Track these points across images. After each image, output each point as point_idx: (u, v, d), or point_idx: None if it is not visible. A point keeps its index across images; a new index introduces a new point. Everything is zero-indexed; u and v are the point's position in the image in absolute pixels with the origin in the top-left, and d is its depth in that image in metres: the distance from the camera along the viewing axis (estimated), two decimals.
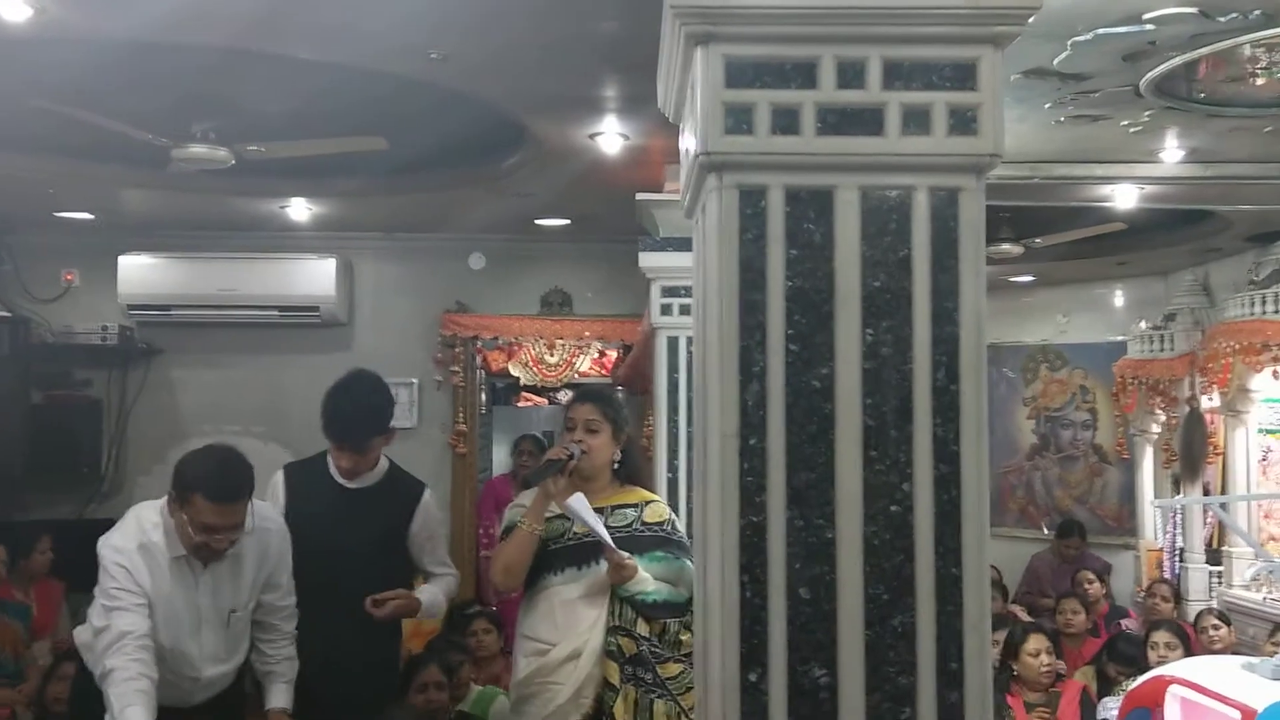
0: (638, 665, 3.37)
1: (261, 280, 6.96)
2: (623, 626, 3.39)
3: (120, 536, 3.15)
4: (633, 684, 3.36)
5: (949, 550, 1.72)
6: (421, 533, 3.81)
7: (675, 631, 3.43)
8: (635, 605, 3.40)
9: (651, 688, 3.36)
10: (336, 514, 3.63)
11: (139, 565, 3.09)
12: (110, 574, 3.08)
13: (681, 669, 3.36)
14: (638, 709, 3.35)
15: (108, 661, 2.98)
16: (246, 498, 3.14)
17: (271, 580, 3.38)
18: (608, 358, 7.75)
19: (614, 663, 3.36)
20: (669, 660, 3.39)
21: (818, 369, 1.76)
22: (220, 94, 4.40)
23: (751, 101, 1.76)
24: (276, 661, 3.43)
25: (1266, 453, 6.58)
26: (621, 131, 4.62)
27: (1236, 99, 4.09)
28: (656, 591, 3.42)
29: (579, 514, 3.36)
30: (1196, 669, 3.20)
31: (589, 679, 3.35)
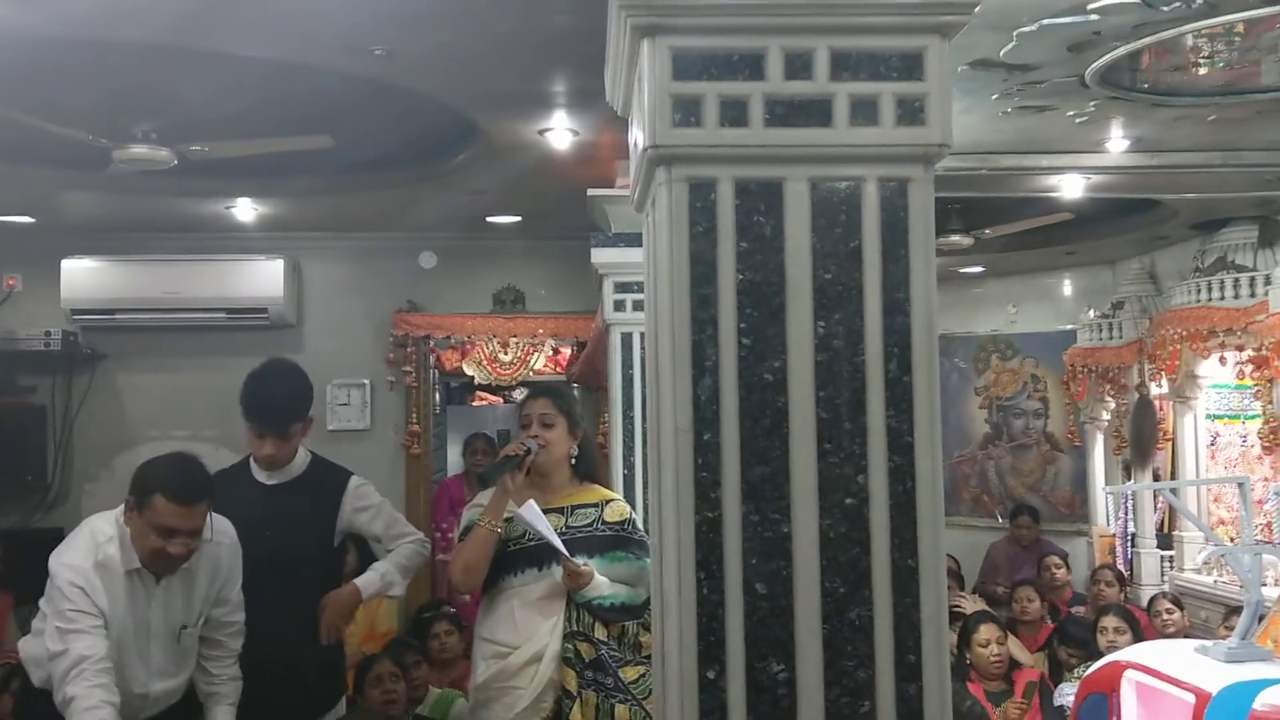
0: (597, 670, 3.35)
1: (208, 282, 6.85)
2: (580, 631, 3.37)
3: (74, 553, 3.06)
4: (593, 689, 3.34)
5: (905, 542, 1.71)
6: (358, 515, 3.73)
7: (634, 633, 3.41)
8: (592, 610, 3.38)
9: (612, 692, 3.34)
10: (260, 512, 3.56)
11: (95, 584, 3.02)
12: (65, 595, 2.99)
13: (642, 672, 3.34)
14: (599, 714, 3.33)
15: (68, 689, 2.89)
16: (206, 502, 3.08)
17: (221, 594, 3.31)
18: (562, 355, 7.72)
19: (571, 670, 3.33)
20: (629, 664, 3.37)
21: (770, 362, 1.75)
22: (160, 93, 4.32)
23: (699, 93, 1.75)
24: (221, 682, 3.34)
25: (1215, 438, 6.67)
26: (571, 127, 4.59)
27: (1180, 88, 4.14)
28: (614, 595, 3.40)
29: (530, 523, 3.34)
30: (1151, 653, 3.23)
31: (549, 684, 3.33)
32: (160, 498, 2.99)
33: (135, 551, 3.06)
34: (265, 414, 3.59)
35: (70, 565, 3.03)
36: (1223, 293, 5.98)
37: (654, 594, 1.98)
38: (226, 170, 5.32)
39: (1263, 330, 5.42)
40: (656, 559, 1.91)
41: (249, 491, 3.63)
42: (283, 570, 3.51)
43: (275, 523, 3.56)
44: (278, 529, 3.55)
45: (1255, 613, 3.06)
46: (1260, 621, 3.38)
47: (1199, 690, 2.77)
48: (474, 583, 3.47)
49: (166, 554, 3.04)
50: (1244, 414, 6.44)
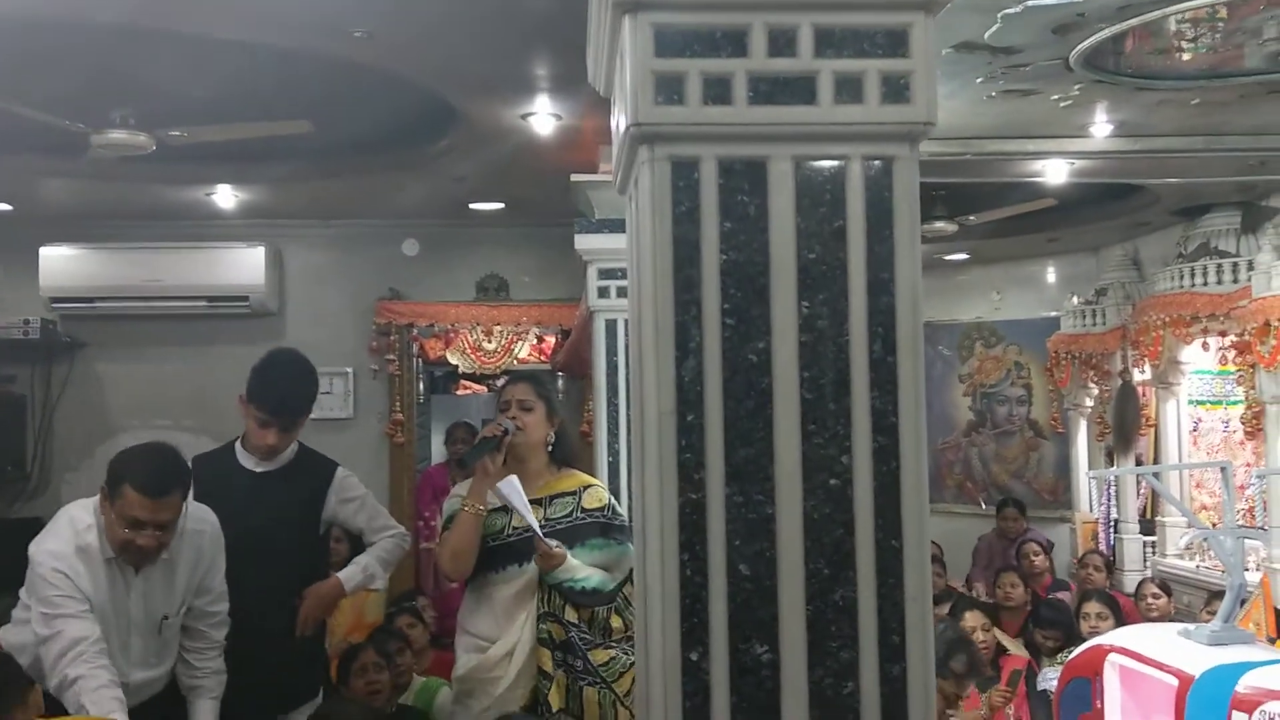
0: (567, 652, 3.35)
1: (188, 270, 6.81)
2: (551, 613, 3.37)
3: (55, 540, 3.03)
4: (563, 670, 3.34)
5: (889, 523, 1.70)
6: (343, 507, 3.72)
7: (605, 617, 3.41)
8: (564, 592, 3.37)
9: (581, 675, 3.34)
10: (247, 499, 3.54)
11: (79, 569, 2.99)
12: (49, 581, 2.96)
13: (612, 655, 3.34)
14: (568, 695, 3.33)
15: (69, 671, 2.86)
16: (178, 495, 3.04)
17: (204, 584, 3.26)
18: (546, 343, 7.69)
19: (546, 649, 3.33)
20: (598, 647, 3.37)
21: (754, 343, 1.73)
22: (137, 77, 4.28)
23: (682, 71, 1.72)
24: (204, 675, 3.28)
25: (1197, 423, 6.70)
26: (554, 112, 4.56)
27: (1164, 72, 4.13)
28: (586, 579, 3.40)
29: (508, 498, 3.33)
30: (1134, 637, 3.23)
31: (524, 671, 3.33)
32: (129, 488, 2.95)
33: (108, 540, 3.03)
34: (277, 405, 3.56)
35: (52, 552, 2.99)
36: (1205, 278, 5.99)
37: (637, 576, 1.96)
38: (206, 156, 5.28)
39: (1245, 315, 5.43)
40: (639, 541, 1.90)
41: (236, 478, 3.61)
42: (267, 558, 3.50)
43: (262, 510, 3.54)
44: (264, 517, 3.53)
45: (1237, 596, 3.06)
46: (1242, 605, 3.39)
47: (1182, 673, 2.77)
48: (464, 569, 3.46)
49: (136, 545, 3.00)
50: (1226, 399, 6.47)
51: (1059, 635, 5.06)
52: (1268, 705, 2.46)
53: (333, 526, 3.88)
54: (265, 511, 3.54)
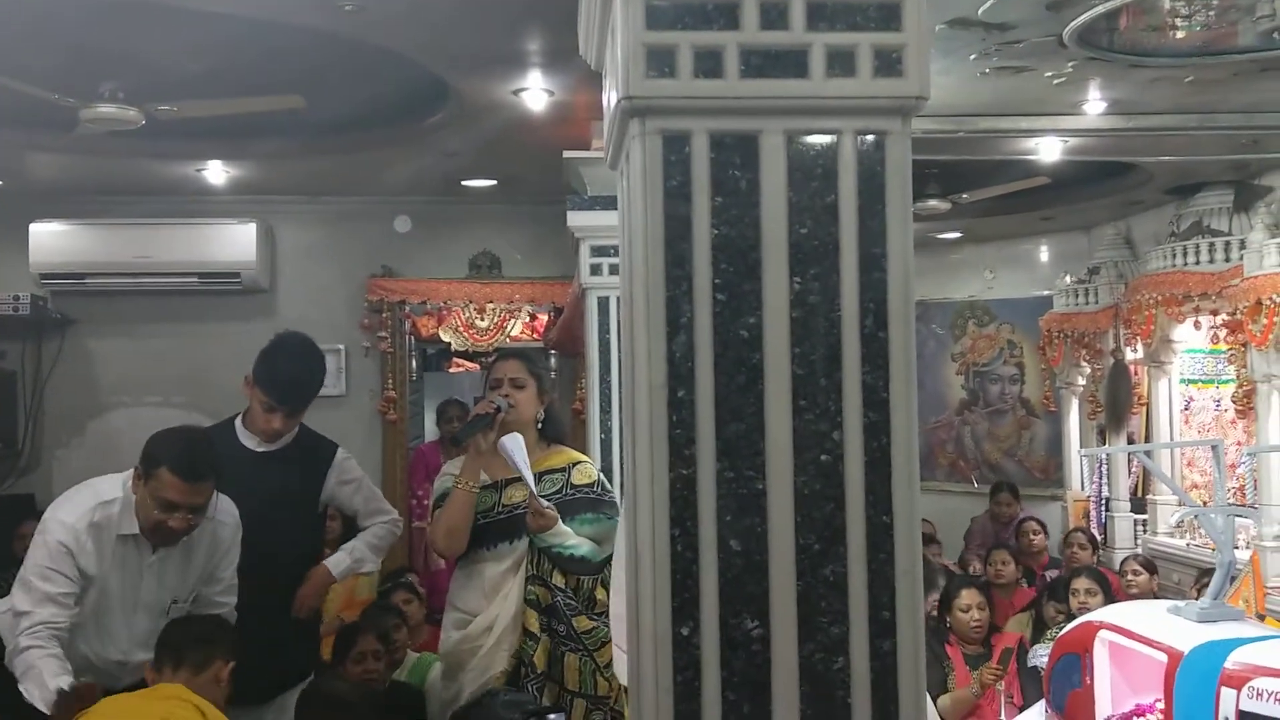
0: (552, 616, 3.38)
1: (179, 246, 6.78)
2: (539, 576, 3.40)
3: (71, 511, 3.07)
4: (547, 634, 3.36)
5: (879, 498, 1.70)
6: (341, 488, 3.75)
7: (590, 588, 3.43)
8: (552, 557, 3.39)
9: (564, 640, 3.37)
10: (247, 479, 3.53)
11: (85, 546, 3.03)
12: (50, 552, 3.00)
13: (594, 625, 3.37)
14: (550, 660, 3.36)
15: (21, 641, 2.92)
16: (211, 480, 3.11)
17: (216, 573, 3.31)
18: (539, 321, 7.68)
19: (533, 611, 3.36)
20: (582, 614, 3.39)
21: (745, 318, 1.72)
22: (126, 51, 4.25)
23: (673, 43, 1.71)
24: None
25: (1189, 402, 6.71)
26: (546, 87, 4.54)
27: (1157, 49, 4.12)
28: (575, 546, 3.43)
29: (510, 454, 3.35)
30: (1124, 614, 3.24)
31: (504, 637, 3.35)
32: (166, 471, 3.01)
33: (137, 519, 3.07)
34: (284, 392, 3.57)
35: (63, 523, 3.04)
36: (1198, 257, 5.99)
37: (627, 551, 1.96)
38: (196, 131, 5.25)
39: (1237, 294, 5.44)
40: (630, 517, 1.90)
41: (236, 456, 3.60)
42: (267, 538, 3.50)
43: (262, 490, 3.54)
44: (265, 496, 3.54)
45: (1227, 574, 3.07)
46: (1232, 582, 3.40)
47: (1171, 649, 2.79)
48: (458, 546, 3.48)
49: (167, 527, 3.06)
50: (1218, 378, 6.48)
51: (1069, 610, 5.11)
52: (1256, 681, 2.47)
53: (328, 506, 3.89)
54: (266, 491, 3.54)
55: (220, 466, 3.14)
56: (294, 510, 3.66)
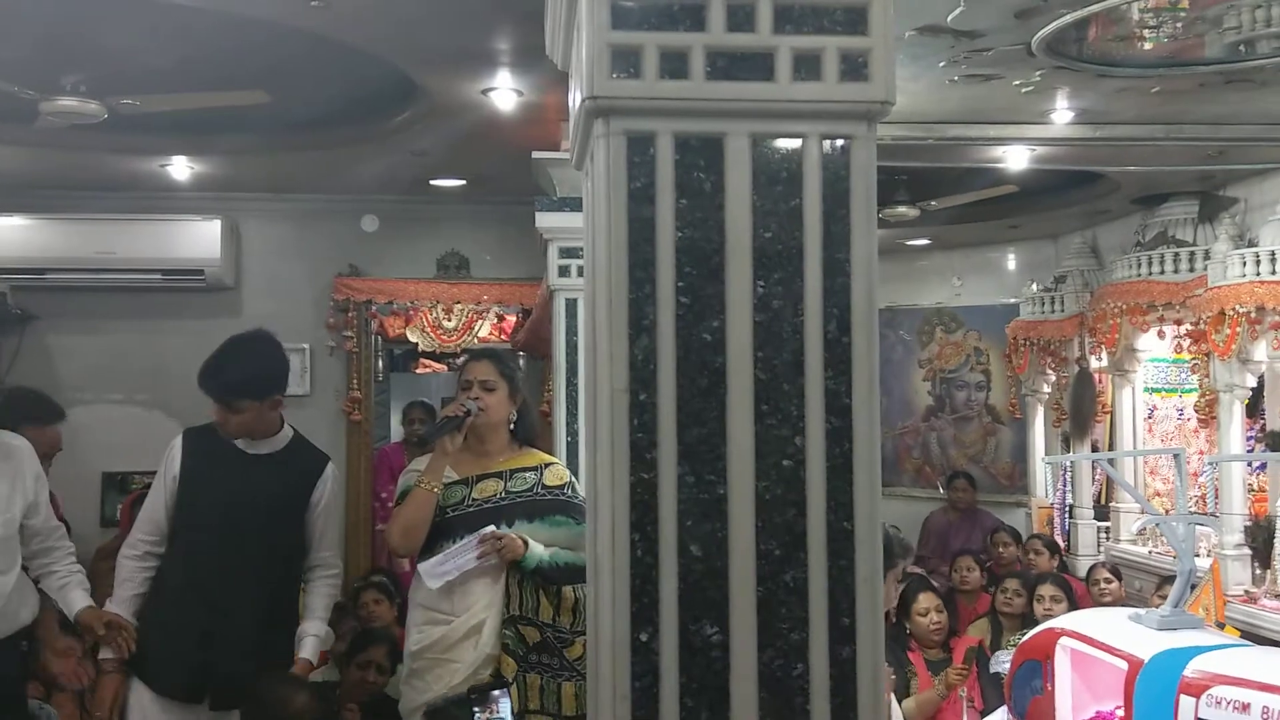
0: (543, 652, 3.32)
1: (142, 242, 6.70)
2: (524, 616, 3.33)
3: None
4: (537, 672, 3.31)
5: (841, 504, 1.69)
6: (320, 509, 3.65)
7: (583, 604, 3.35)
8: (544, 574, 3.33)
9: (558, 672, 3.32)
10: (235, 479, 3.51)
11: None
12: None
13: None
14: (544, 694, 3.31)
15: None
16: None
17: (34, 503, 3.46)
18: (507, 322, 7.65)
19: (510, 658, 3.29)
20: (573, 642, 3.35)
21: (709, 322, 1.71)
22: (89, 43, 4.19)
23: (639, 44, 1.70)
24: (67, 574, 3.51)
25: (1152, 410, 6.76)
26: (515, 87, 4.52)
27: (1125, 60, 4.14)
28: (556, 554, 3.37)
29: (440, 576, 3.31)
30: (1085, 621, 3.25)
31: (488, 660, 3.29)
32: None
33: None
34: (207, 382, 3.51)
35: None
36: (1163, 267, 6.04)
37: (588, 556, 1.95)
38: (160, 126, 5.19)
39: (1201, 305, 5.48)
40: (591, 520, 1.88)
41: (226, 456, 3.56)
42: (251, 544, 3.47)
43: (253, 494, 3.51)
44: (255, 501, 3.50)
45: (1188, 581, 3.08)
46: (1193, 590, 3.42)
47: (1132, 657, 2.79)
48: (413, 545, 3.43)
49: None
50: (1181, 387, 6.53)
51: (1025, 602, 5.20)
52: (1215, 689, 2.48)
53: None
54: (254, 493, 3.50)
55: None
56: (281, 515, 3.58)
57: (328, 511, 3.69)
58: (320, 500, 3.65)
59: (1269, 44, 3.91)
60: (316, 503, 3.64)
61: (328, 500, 3.67)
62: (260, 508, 3.51)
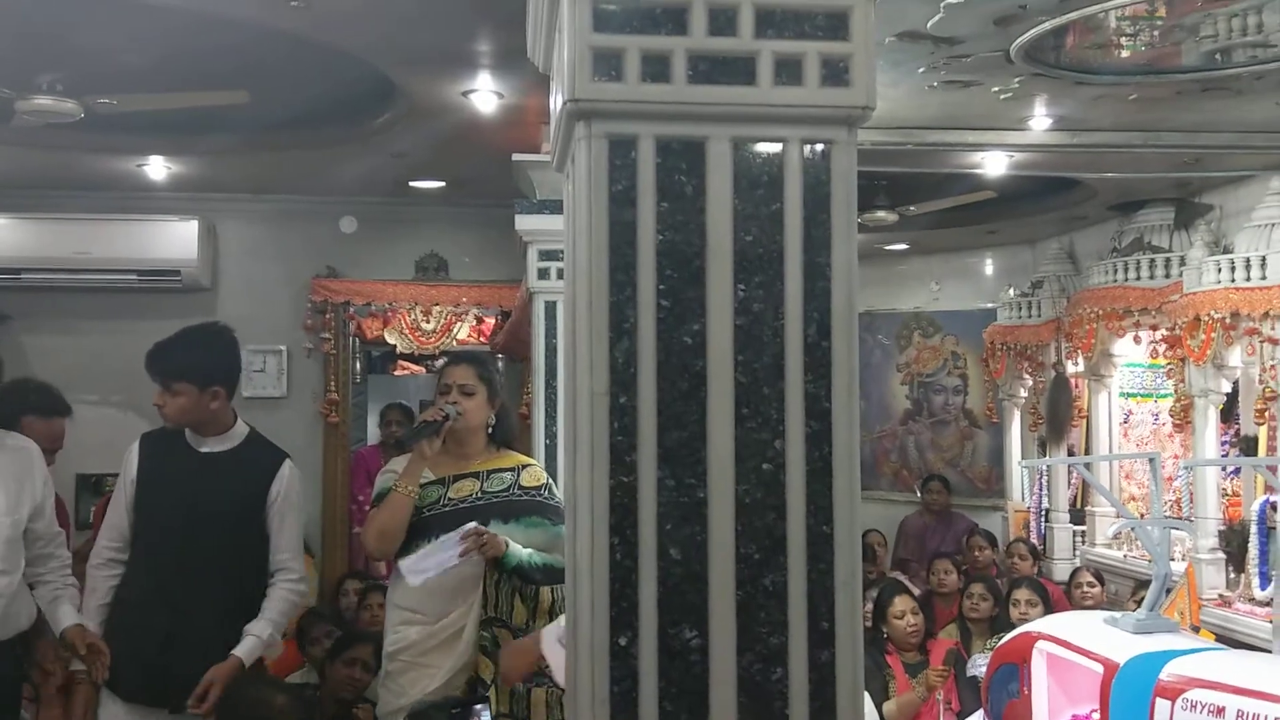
0: None
1: (118, 243, 6.64)
2: (498, 618, 3.33)
3: None
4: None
5: (820, 508, 1.69)
6: (277, 506, 3.58)
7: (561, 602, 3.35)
8: (524, 573, 3.33)
9: (529, 677, 3.31)
10: (189, 481, 3.50)
11: None
12: None
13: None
14: (514, 698, 3.30)
15: None
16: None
17: (40, 506, 3.47)
18: (486, 324, 7.63)
19: (487, 658, 3.29)
20: None
21: (689, 325, 1.71)
22: (66, 41, 4.15)
23: (620, 47, 1.70)
24: (61, 587, 3.53)
25: (1128, 416, 6.81)
26: (496, 89, 4.50)
27: (1102, 67, 4.17)
28: (533, 554, 3.37)
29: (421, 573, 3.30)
30: (1062, 625, 3.27)
31: (465, 666, 3.29)
32: None
33: None
34: (148, 360, 3.54)
35: None
36: (1139, 273, 6.09)
37: (567, 560, 1.94)
38: (137, 126, 5.15)
39: (1176, 310, 5.52)
40: (570, 524, 1.88)
41: (181, 456, 3.56)
42: (210, 544, 3.45)
43: (207, 494, 3.49)
44: (210, 500, 3.48)
45: (1163, 585, 3.10)
46: (1168, 594, 3.44)
47: (1107, 660, 2.81)
48: (389, 549, 3.42)
49: None
50: (1156, 393, 6.58)
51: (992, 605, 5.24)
52: (1190, 693, 2.50)
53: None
54: (210, 493, 3.49)
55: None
56: (238, 513, 3.55)
57: (284, 509, 3.60)
58: (276, 497, 3.58)
59: (1245, 52, 3.95)
60: (273, 500, 3.58)
61: (284, 497, 3.59)
62: (216, 507, 3.49)
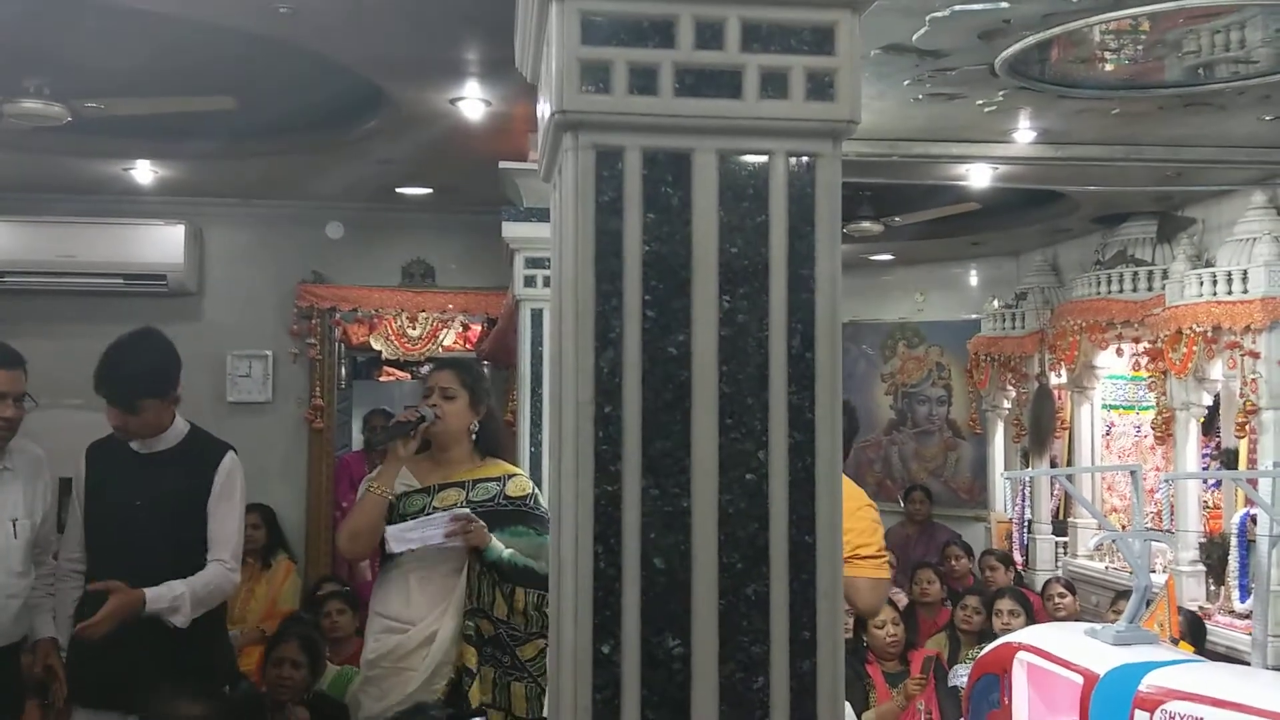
0: (496, 647, 3.33)
1: (104, 246, 6.63)
2: (480, 609, 3.34)
3: None
4: (491, 665, 3.32)
5: (803, 518, 1.70)
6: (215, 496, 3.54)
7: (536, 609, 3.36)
8: (501, 569, 3.34)
9: (509, 670, 3.33)
10: (131, 481, 3.50)
11: None
12: None
13: (540, 648, 3.33)
14: (496, 689, 3.31)
15: None
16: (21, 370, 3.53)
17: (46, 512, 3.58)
18: (472, 331, 7.64)
19: (471, 647, 3.30)
20: (526, 642, 3.35)
21: (674, 335, 1.72)
22: (53, 45, 4.16)
23: (608, 59, 1.71)
24: (44, 595, 3.59)
25: (1110, 427, 6.84)
26: (483, 97, 4.52)
27: (1086, 81, 4.21)
28: (515, 557, 3.39)
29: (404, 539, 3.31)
30: (1042, 636, 3.29)
31: (443, 665, 3.29)
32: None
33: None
34: (106, 384, 3.49)
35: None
36: (1121, 286, 6.13)
37: (551, 568, 1.95)
38: (124, 130, 5.15)
39: (1158, 323, 5.56)
40: (555, 532, 1.89)
41: (123, 461, 3.55)
42: (159, 545, 3.44)
43: (146, 494, 3.48)
44: (148, 501, 3.47)
45: (1143, 597, 3.13)
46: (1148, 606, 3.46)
47: (1087, 672, 2.83)
48: (360, 549, 3.45)
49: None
50: (1138, 405, 6.62)
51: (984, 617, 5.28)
52: (1169, 704, 2.52)
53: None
54: (148, 494, 3.48)
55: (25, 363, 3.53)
56: (185, 512, 3.52)
57: (220, 502, 3.55)
58: (217, 488, 3.55)
59: (1227, 68, 3.99)
60: (215, 492, 3.55)
61: (223, 490, 3.55)
62: (162, 508, 3.48)
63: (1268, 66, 3.93)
